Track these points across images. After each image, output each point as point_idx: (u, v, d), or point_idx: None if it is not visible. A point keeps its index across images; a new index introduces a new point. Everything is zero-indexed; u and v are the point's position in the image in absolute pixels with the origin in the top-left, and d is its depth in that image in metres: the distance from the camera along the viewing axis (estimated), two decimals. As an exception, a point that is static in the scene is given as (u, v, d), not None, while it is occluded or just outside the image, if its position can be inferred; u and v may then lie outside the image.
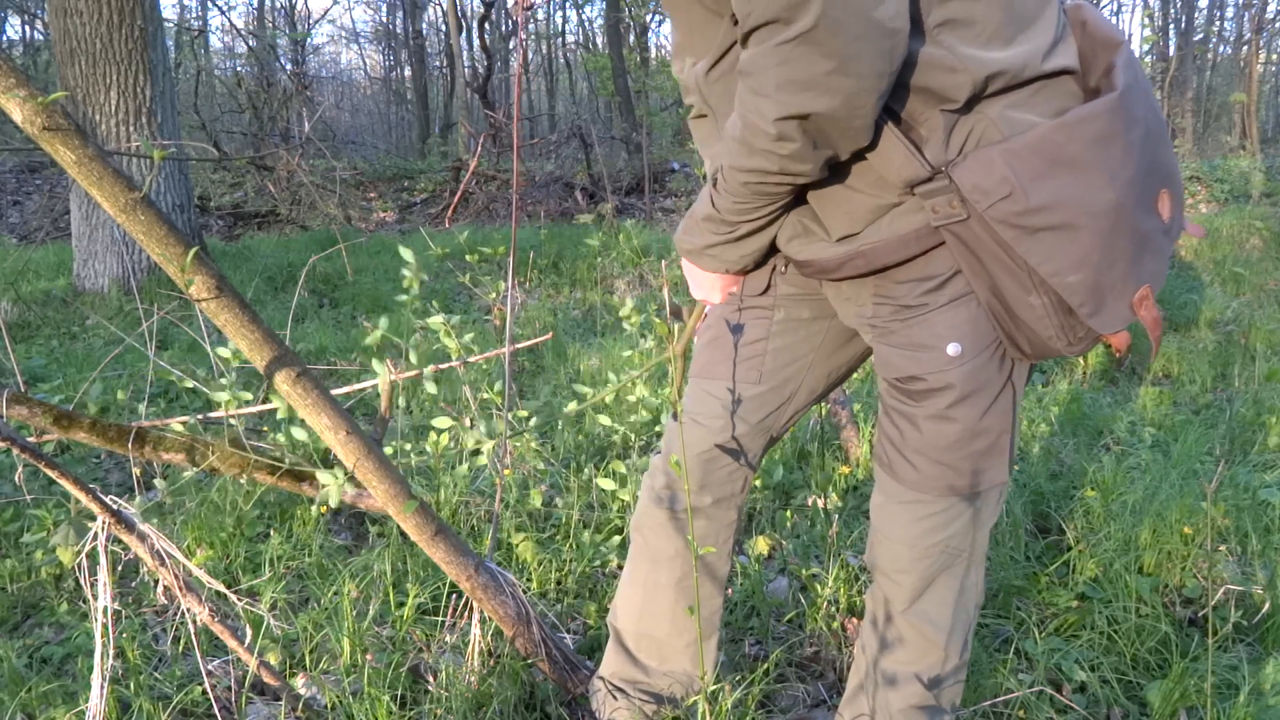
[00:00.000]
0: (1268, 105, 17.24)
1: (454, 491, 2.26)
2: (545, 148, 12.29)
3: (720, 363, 1.29)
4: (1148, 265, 1.02)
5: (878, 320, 1.11)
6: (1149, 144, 0.99)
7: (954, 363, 1.06)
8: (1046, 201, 0.94)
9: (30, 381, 3.34)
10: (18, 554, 2.07)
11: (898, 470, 1.15)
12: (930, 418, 1.09)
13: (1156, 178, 1.01)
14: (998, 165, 0.93)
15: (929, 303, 1.06)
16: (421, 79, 15.55)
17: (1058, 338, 1.02)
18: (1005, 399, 1.10)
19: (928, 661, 1.22)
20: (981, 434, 1.09)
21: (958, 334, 1.05)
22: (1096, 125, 0.94)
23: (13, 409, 1.17)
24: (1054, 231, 0.95)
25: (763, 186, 0.99)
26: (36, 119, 0.88)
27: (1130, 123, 0.96)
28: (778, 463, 2.52)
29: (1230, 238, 6.31)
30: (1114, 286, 0.99)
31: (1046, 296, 0.99)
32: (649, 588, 1.39)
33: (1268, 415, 2.93)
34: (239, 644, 1.33)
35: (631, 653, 1.43)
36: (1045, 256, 0.96)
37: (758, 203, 1.03)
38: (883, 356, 1.13)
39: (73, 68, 4.88)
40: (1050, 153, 0.94)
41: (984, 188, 0.94)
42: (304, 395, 1.16)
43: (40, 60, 12.74)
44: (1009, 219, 0.95)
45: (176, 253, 1.00)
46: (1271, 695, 1.55)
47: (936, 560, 1.16)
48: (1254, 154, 9.71)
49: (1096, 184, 0.95)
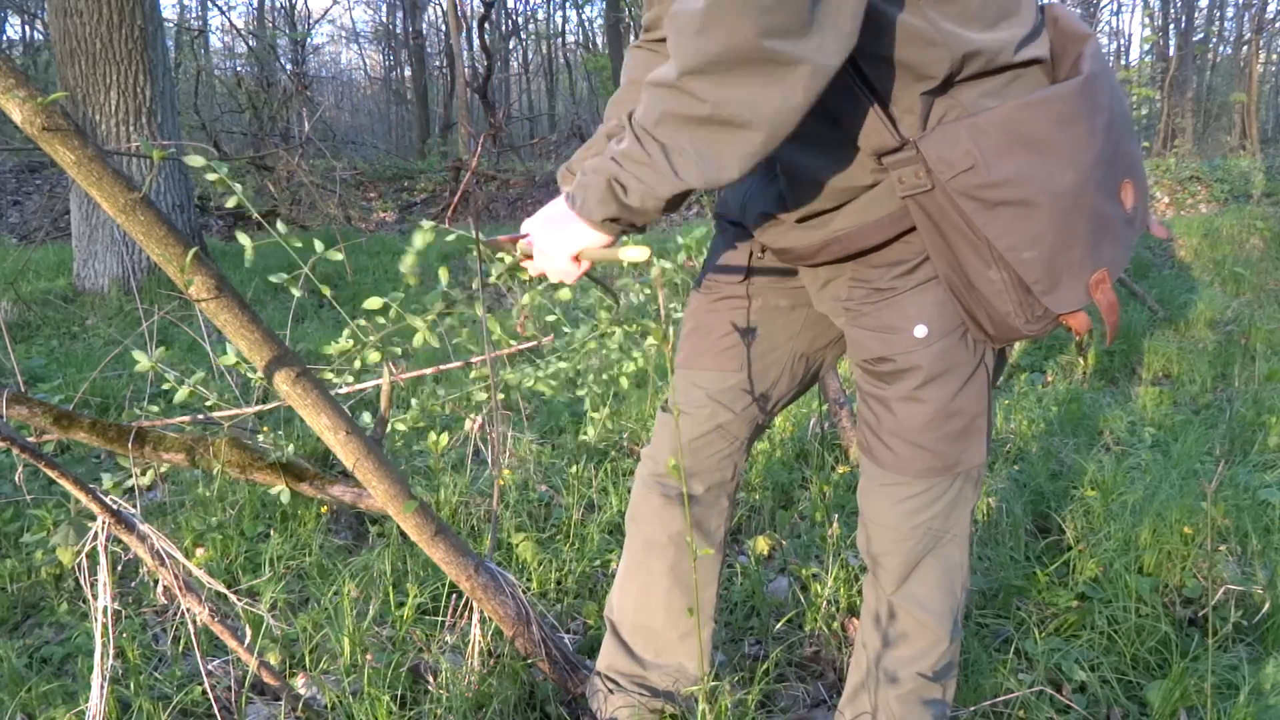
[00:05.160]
0: (1268, 105, 17.24)
1: (454, 491, 2.26)
2: (545, 148, 12.29)
3: (703, 353, 1.31)
4: (1106, 250, 1.03)
5: (851, 303, 1.14)
6: (1113, 132, 1.01)
7: (921, 344, 1.09)
8: (1007, 176, 0.96)
9: (30, 381, 3.34)
10: (18, 554, 2.07)
11: (876, 454, 1.17)
12: (901, 399, 1.12)
13: (1120, 167, 1.03)
14: (963, 138, 0.96)
15: (899, 286, 1.09)
16: (421, 79, 15.55)
17: (1016, 314, 1.03)
18: (978, 382, 1.12)
19: (921, 644, 1.23)
20: (955, 415, 1.12)
21: (925, 316, 1.08)
22: (1061, 106, 0.97)
23: (13, 409, 1.17)
24: (1013, 207, 0.97)
25: (726, 77, 0.86)
26: (36, 119, 0.88)
27: (1094, 108, 0.99)
28: (778, 462, 2.52)
29: (1230, 238, 6.30)
30: (1070, 267, 1.01)
31: (1005, 272, 1.01)
32: (643, 575, 1.41)
33: (1268, 415, 2.93)
34: (239, 644, 1.33)
35: (628, 645, 1.44)
36: (1003, 231, 0.98)
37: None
38: (854, 339, 1.16)
39: (73, 68, 4.88)
40: (1014, 130, 0.96)
41: (948, 159, 0.97)
42: (304, 395, 1.16)
43: (40, 60, 12.74)
44: (970, 191, 0.97)
45: (176, 253, 1.00)
46: (1271, 695, 1.55)
47: (920, 542, 1.18)
48: (1254, 154, 9.72)
49: (1057, 164, 0.97)
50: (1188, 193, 7.94)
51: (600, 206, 1.00)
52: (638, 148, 0.94)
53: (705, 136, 0.90)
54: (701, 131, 0.90)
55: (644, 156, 0.94)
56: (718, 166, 0.92)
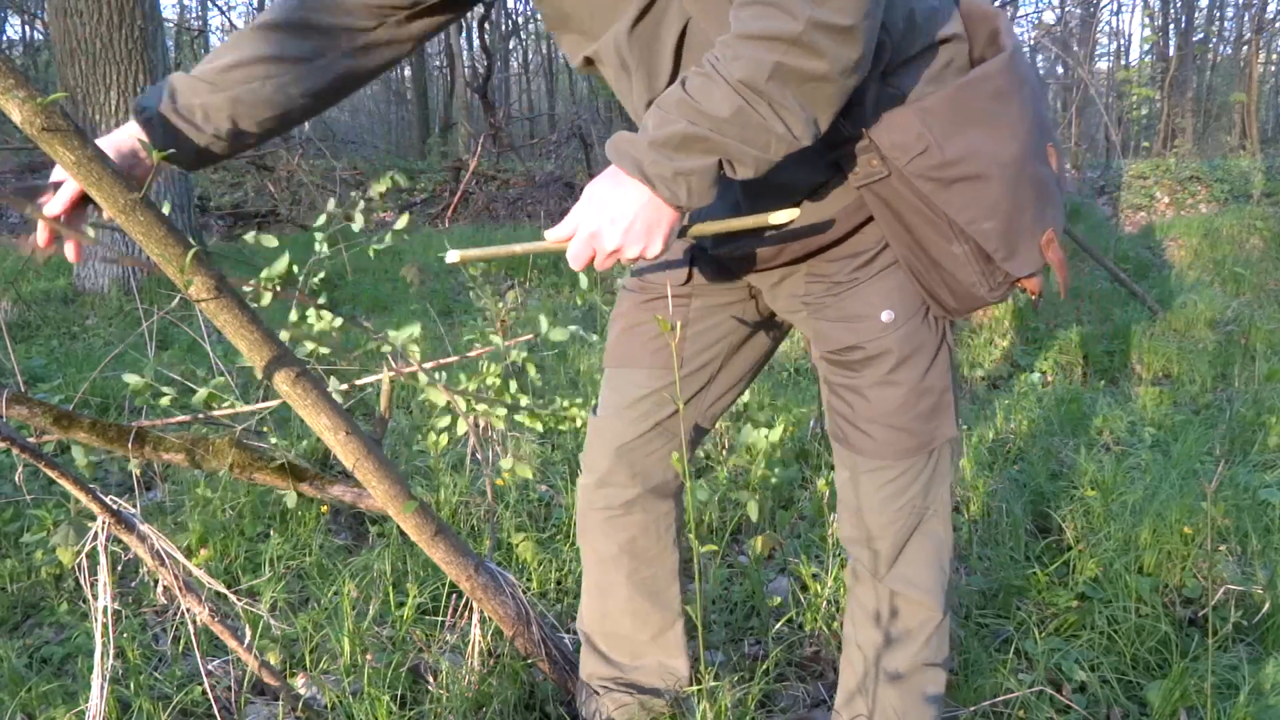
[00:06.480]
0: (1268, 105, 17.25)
1: (454, 491, 2.26)
2: (545, 148, 12.29)
3: (639, 351, 1.30)
4: (1049, 211, 1.08)
5: (811, 298, 1.16)
6: (1035, 101, 1.06)
7: (889, 329, 1.12)
8: (960, 154, 1.00)
9: (30, 381, 3.34)
10: (18, 554, 2.07)
11: (855, 442, 1.18)
12: (875, 385, 1.14)
13: (1042, 132, 1.08)
14: (913, 123, 1.00)
15: (860, 276, 1.12)
16: (421, 79, 15.53)
17: (980, 284, 1.08)
18: (943, 357, 1.16)
19: (917, 624, 1.24)
20: (926, 393, 1.15)
21: (890, 301, 1.12)
22: (996, 82, 1.02)
23: (13, 409, 1.17)
24: (968, 182, 1.02)
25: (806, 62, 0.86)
26: (36, 119, 0.88)
27: (1021, 80, 1.04)
28: (778, 462, 2.52)
29: (1230, 238, 6.30)
30: (1024, 231, 1.06)
31: (967, 244, 1.06)
32: (603, 589, 1.41)
33: (1268, 415, 2.93)
34: (239, 644, 1.33)
35: (604, 653, 1.44)
36: (962, 206, 1.03)
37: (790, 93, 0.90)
38: (819, 331, 1.17)
39: (73, 68, 4.88)
40: (959, 109, 1.01)
41: (902, 144, 1.00)
42: (303, 395, 1.16)
43: (40, 60, 12.73)
44: (926, 173, 1.01)
45: (176, 253, 1.00)
46: (1271, 695, 1.55)
47: (906, 521, 1.20)
48: (1254, 154, 9.72)
49: (1001, 136, 1.02)
50: (1188, 193, 7.94)
51: (711, 190, 0.94)
52: (748, 111, 0.88)
53: (810, 90, 0.89)
54: (808, 85, 0.88)
55: (755, 119, 0.89)
56: (817, 121, 0.91)
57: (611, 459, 1.32)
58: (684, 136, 0.89)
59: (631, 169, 0.92)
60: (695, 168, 0.90)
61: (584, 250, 0.97)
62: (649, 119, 0.92)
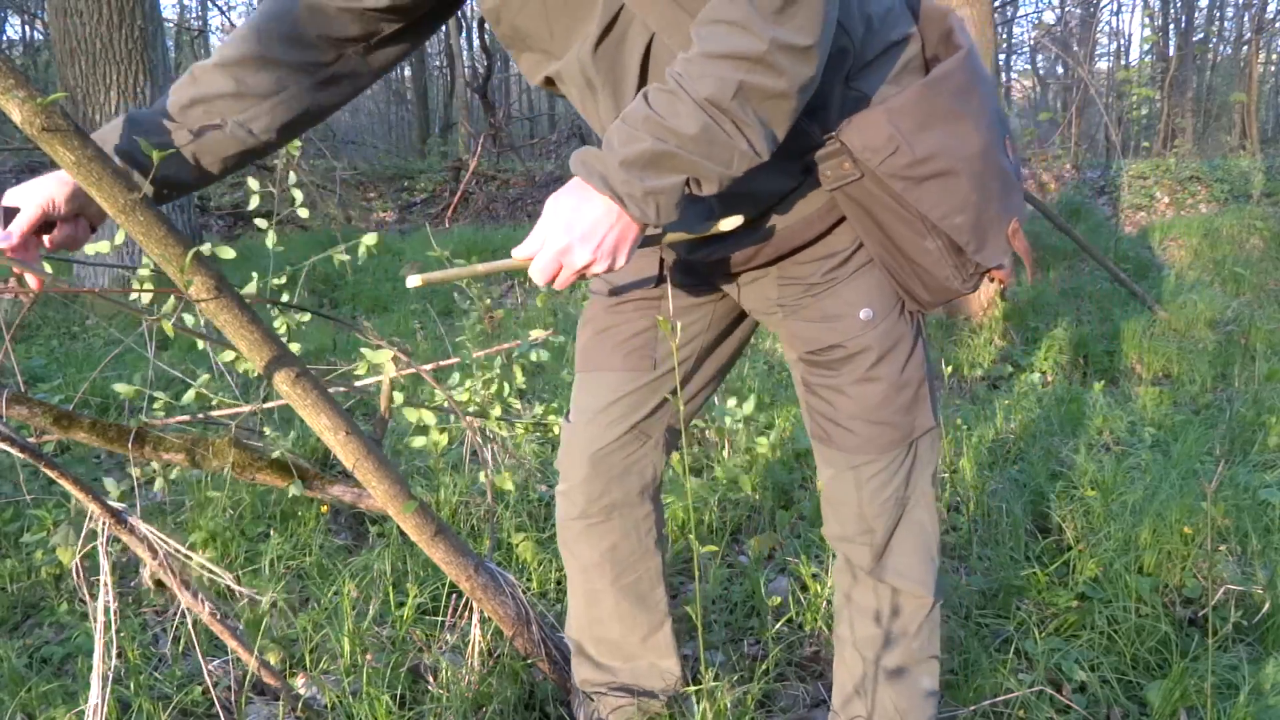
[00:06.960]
0: (1268, 105, 17.24)
1: (454, 491, 2.26)
2: (545, 148, 12.29)
3: (611, 354, 1.29)
4: (1013, 200, 1.11)
5: (786, 300, 1.17)
6: (991, 96, 1.09)
7: (868, 326, 1.14)
8: (930, 152, 1.02)
9: (30, 381, 3.34)
10: (18, 554, 2.07)
11: (838, 440, 1.20)
12: (855, 382, 1.16)
13: (1001, 124, 1.11)
14: (883, 125, 1.01)
15: (837, 277, 1.14)
16: (421, 79, 15.52)
17: (954, 277, 1.10)
18: (919, 350, 1.18)
19: (908, 613, 1.25)
20: (904, 386, 1.17)
21: (868, 299, 1.14)
22: (957, 79, 1.05)
23: (13, 409, 1.17)
24: (939, 178, 1.04)
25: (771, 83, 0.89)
26: (36, 119, 0.88)
27: (979, 76, 1.07)
28: (778, 462, 2.52)
29: (1230, 238, 6.30)
30: (992, 222, 1.09)
31: (940, 239, 1.07)
32: (589, 596, 1.40)
33: (1268, 415, 2.93)
34: (239, 644, 1.33)
35: (595, 659, 1.44)
36: (934, 202, 1.04)
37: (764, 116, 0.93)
38: (795, 332, 1.18)
39: (73, 68, 4.88)
40: (925, 108, 1.03)
41: (873, 146, 1.02)
42: (303, 395, 1.16)
43: (40, 60, 12.72)
44: (899, 172, 1.03)
45: (176, 253, 1.00)
46: (1271, 695, 1.55)
47: (892, 513, 1.22)
48: (1254, 154, 9.71)
49: (966, 131, 1.05)
50: (1188, 193, 7.93)
51: (677, 209, 0.95)
52: (714, 128, 0.90)
53: (770, 107, 0.91)
54: (769, 103, 0.90)
55: (721, 136, 0.90)
56: (775, 135, 0.93)
57: (587, 466, 1.31)
58: (653, 154, 0.90)
59: (601, 186, 0.93)
60: (665, 187, 0.92)
61: (551, 266, 0.98)
62: (613, 135, 0.93)
